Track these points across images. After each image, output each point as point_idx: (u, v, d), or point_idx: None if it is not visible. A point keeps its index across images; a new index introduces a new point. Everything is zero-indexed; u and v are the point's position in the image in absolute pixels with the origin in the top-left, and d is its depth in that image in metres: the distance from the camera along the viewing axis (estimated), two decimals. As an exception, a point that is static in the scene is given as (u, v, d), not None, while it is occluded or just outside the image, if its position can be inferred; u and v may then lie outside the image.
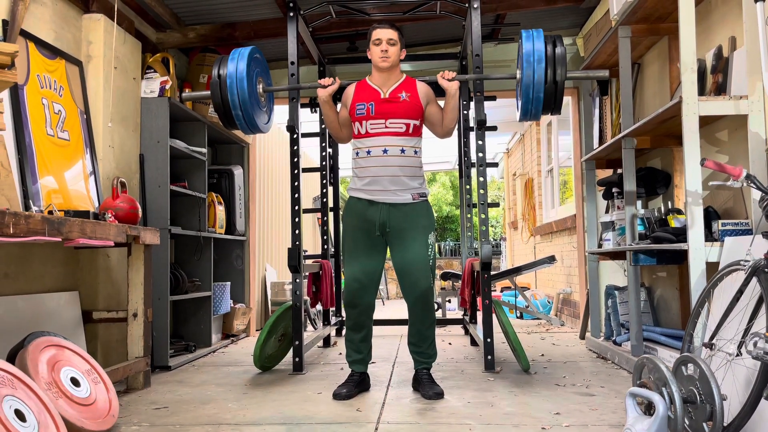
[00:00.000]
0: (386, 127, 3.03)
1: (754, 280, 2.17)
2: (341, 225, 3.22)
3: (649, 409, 2.15)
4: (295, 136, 3.77)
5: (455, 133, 5.66)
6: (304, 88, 3.39)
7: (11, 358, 2.40)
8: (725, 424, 2.05)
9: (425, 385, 2.99)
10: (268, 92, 3.29)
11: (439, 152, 9.48)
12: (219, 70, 3.09)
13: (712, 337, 2.34)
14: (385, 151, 3.02)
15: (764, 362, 1.95)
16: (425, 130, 3.22)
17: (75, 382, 2.42)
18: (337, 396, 2.94)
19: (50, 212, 2.75)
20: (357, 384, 3.05)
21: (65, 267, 3.29)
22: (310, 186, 8.60)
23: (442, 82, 3.01)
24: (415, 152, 3.10)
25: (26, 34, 3.06)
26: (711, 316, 2.48)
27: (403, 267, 3.01)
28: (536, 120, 3.02)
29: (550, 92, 2.84)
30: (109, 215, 3.02)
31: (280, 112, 6.42)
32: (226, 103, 3.09)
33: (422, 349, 3.08)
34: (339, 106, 3.24)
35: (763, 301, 2.07)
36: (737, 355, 2.14)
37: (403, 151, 3.04)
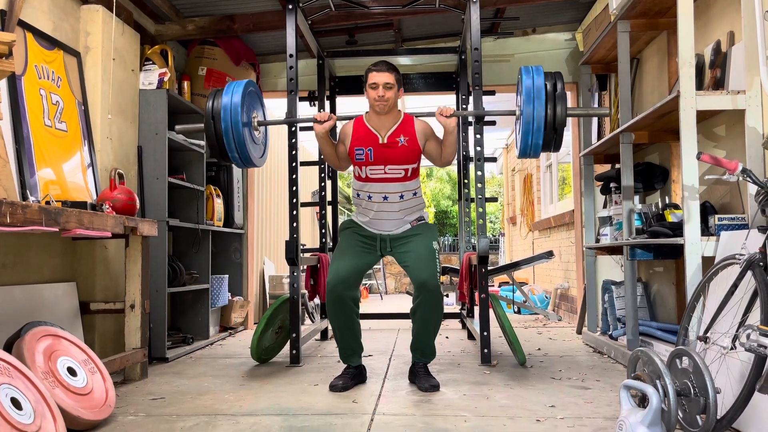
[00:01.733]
0: (385, 173, 3.04)
1: (749, 273, 2.18)
2: (339, 236, 3.23)
3: (643, 401, 2.16)
4: (293, 129, 3.77)
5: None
6: (301, 122, 3.34)
7: (8, 348, 2.41)
8: (719, 417, 2.07)
9: (421, 378, 3.00)
10: (264, 125, 3.19)
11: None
12: (213, 103, 2.98)
13: (706, 331, 2.35)
14: (385, 198, 3.06)
15: (758, 354, 1.96)
16: None
17: (72, 371, 2.43)
18: (333, 388, 2.95)
19: (47, 203, 2.76)
20: (353, 376, 3.06)
21: (63, 258, 3.29)
22: (309, 180, 8.60)
23: (440, 119, 2.96)
24: (414, 194, 3.13)
25: (24, 25, 3.06)
26: (706, 310, 2.49)
27: (411, 263, 3.00)
28: (535, 157, 2.97)
29: (549, 130, 2.79)
30: (107, 206, 3.02)
31: (279, 105, 6.41)
32: (219, 137, 2.98)
33: (422, 348, 3.05)
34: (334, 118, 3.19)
35: (758, 295, 2.08)
36: (731, 348, 2.15)
37: (402, 196, 3.08)
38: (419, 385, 2.97)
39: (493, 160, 5.67)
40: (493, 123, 4.66)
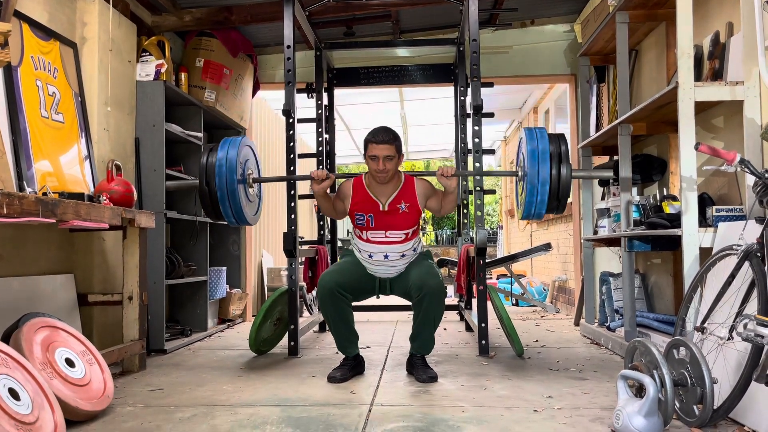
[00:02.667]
0: (386, 236, 3.07)
1: (746, 264, 2.19)
2: (339, 259, 3.25)
3: (640, 391, 2.17)
4: (291, 120, 3.75)
5: (452, 119, 5.65)
6: (298, 179, 3.28)
7: (5, 339, 2.41)
8: (715, 407, 2.07)
9: (419, 369, 3.01)
10: (258, 182, 3.11)
11: (435, 139, 9.48)
12: (207, 159, 2.87)
13: (704, 321, 2.35)
14: (386, 257, 3.09)
15: (755, 344, 1.97)
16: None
17: (70, 362, 2.43)
18: (331, 379, 2.95)
19: (44, 194, 2.75)
20: (352, 368, 3.07)
21: (60, 250, 3.29)
22: (307, 172, 8.59)
23: (441, 180, 2.97)
24: (414, 250, 3.15)
25: (20, 15, 3.04)
26: (703, 300, 2.50)
27: (411, 278, 3.02)
28: (538, 219, 2.94)
29: (554, 193, 2.76)
30: (104, 198, 3.01)
31: (277, 97, 6.40)
32: (213, 193, 2.89)
33: (421, 340, 3.05)
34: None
35: (755, 285, 2.08)
36: (728, 338, 2.15)
37: (403, 255, 3.10)
38: (417, 376, 2.98)
39: (492, 152, 5.66)
40: (491, 115, 4.65)
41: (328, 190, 3.12)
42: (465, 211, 4.86)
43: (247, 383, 2.96)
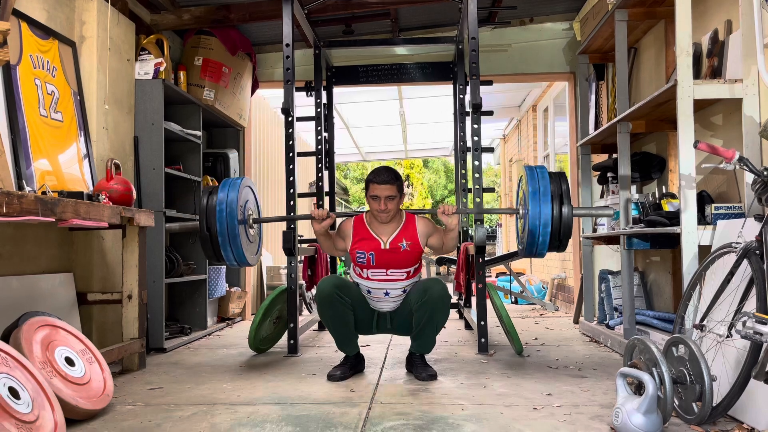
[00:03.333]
0: (387, 274, 3.05)
1: (745, 262, 2.19)
2: None
3: (639, 389, 2.17)
4: (290, 119, 3.75)
5: (451, 117, 5.65)
6: (298, 219, 3.24)
7: (5, 338, 2.41)
8: (714, 404, 2.08)
9: (419, 367, 3.01)
10: (259, 222, 3.09)
11: (434, 137, 9.47)
12: (208, 201, 2.84)
13: (702, 319, 2.36)
14: (386, 294, 3.08)
15: (753, 342, 1.97)
16: None
17: (69, 361, 2.43)
18: (331, 377, 2.96)
19: (44, 193, 2.75)
20: (351, 366, 3.07)
21: (60, 248, 3.29)
22: (306, 171, 8.59)
23: (443, 218, 2.96)
24: (415, 284, 3.12)
25: (19, 14, 3.04)
26: (702, 298, 2.50)
27: (412, 294, 3.02)
28: (540, 257, 2.90)
29: (555, 232, 2.74)
30: (103, 196, 3.01)
31: (276, 95, 6.39)
32: (214, 236, 2.86)
33: (422, 340, 3.05)
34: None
35: (754, 283, 2.08)
36: (727, 336, 2.16)
37: (404, 291, 3.10)
38: (416, 374, 2.99)
39: (490, 150, 5.66)
40: (490, 113, 4.65)
41: (328, 229, 3.09)
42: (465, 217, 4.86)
43: (247, 381, 2.96)
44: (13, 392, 1.96)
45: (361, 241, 3.06)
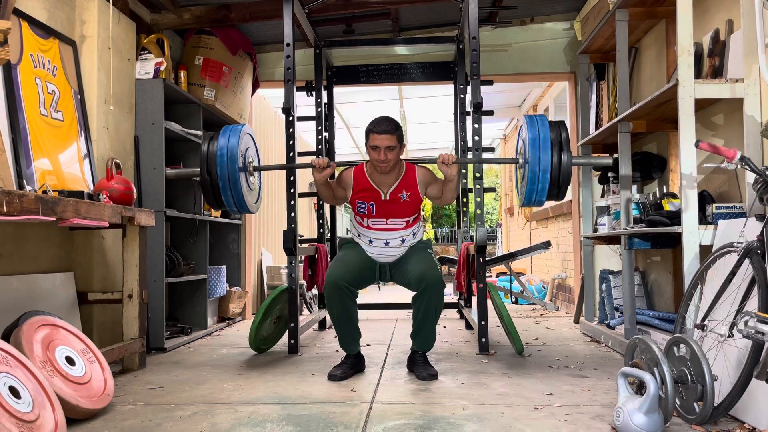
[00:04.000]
0: (387, 223, 3.10)
1: (747, 261, 2.19)
2: (339, 251, 3.26)
3: (640, 388, 2.17)
4: (290, 118, 3.75)
5: (451, 117, 5.64)
6: (299, 167, 3.22)
7: (6, 337, 2.40)
8: (716, 404, 2.08)
9: (420, 366, 3.01)
10: (259, 170, 3.08)
11: (434, 137, 9.47)
12: (209, 147, 2.85)
13: (704, 319, 2.35)
14: (386, 243, 3.12)
15: (755, 341, 1.97)
16: None
17: (70, 361, 2.43)
18: (332, 377, 2.95)
19: (44, 192, 2.74)
20: (352, 366, 3.07)
21: (60, 248, 3.28)
22: (306, 171, 8.58)
23: (442, 168, 2.97)
24: (414, 235, 3.18)
25: (19, 13, 3.03)
26: (703, 298, 2.50)
27: (409, 266, 3.06)
28: (539, 206, 2.90)
29: (554, 180, 2.77)
30: (104, 196, 3.01)
31: (276, 95, 6.39)
32: (214, 180, 2.87)
33: (423, 336, 3.06)
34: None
35: (755, 283, 2.08)
36: (729, 336, 2.16)
37: (403, 241, 3.14)
38: (418, 373, 2.98)
39: (491, 150, 5.66)
40: (491, 113, 4.65)
41: (328, 179, 3.12)
42: (465, 209, 4.86)
43: (248, 381, 2.95)
44: (14, 391, 1.95)
45: (362, 192, 3.08)
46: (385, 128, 2.95)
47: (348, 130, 8.42)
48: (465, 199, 4.85)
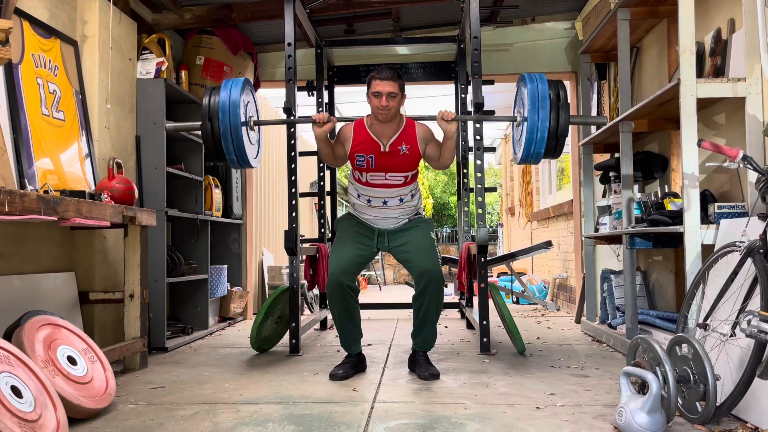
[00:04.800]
0: (386, 179, 3.08)
1: (749, 261, 2.18)
2: (334, 231, 3.23)
3: (642, 388, 2.16)
4: (292, 118, 3.75)
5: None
6: (299, 122, 3.25)
7: (7, 337, 2.41)
8: (718, 404, 2.07)
9: (421, 366, 3.01)
10: (259, 125, 3.09)
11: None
12: (210, 100, 2.86)
13: (706, 318, 2.35)
14: (384, 203, 3.11)
15: (758, 340, 1.96)
16: None
17: (71, 360, 2.43)
18: (333, 377, 2.95)
19: (46, 192, 2.74)
20: (353, 365, 3.07)
21: (61, 248, 3.28)
22: (308, 170, 8.59)
23: (441, 124, 2.97)
24: (412, 196, 3.16)
25: (21, 13, 3.03)
26: (705, 297, 2.50)
27: (412, 253, 3.03)
28: (535, 164, 2.89)
29: (552, 137, 2.78)
30: (105, 196, 3.01)
31: (277, 95, 6.39)
32: (216, 134, 2.86)
33: (424, 335, 3.07)
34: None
35: (758, 282, 2.08)
36: (731, 335, 2.15)
37: (401, 200, 3.13)
38: (419, 373, 2.98)
39: (492, 150, 5.65)
40: (492, 113, 4.64)
41: (328, 135, 3.10)
42: (466, 209, 4.86)
43: (249, 381, 2.95)
44: (16, 391, 1.95)
45: (361, 144, 3.05)
46: (388, 75, 2.93)
47: (349, 130, 8.41)
48: (467, 199, 4.85)
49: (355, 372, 3.07)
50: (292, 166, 3.74)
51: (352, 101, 6.94)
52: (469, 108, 4.78)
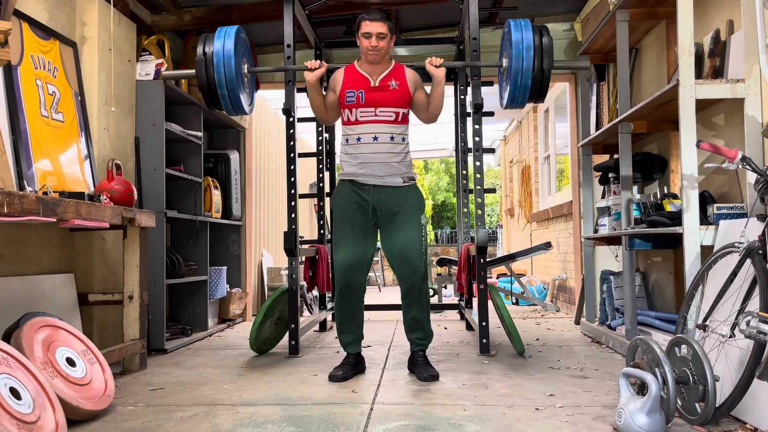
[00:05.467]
0: (376, 115, 3.05)
1: (748, 261, 2.18)
2: (332, 210, 3.21)
3: (642, 389, 2.16)
4: (291, 119, 3.75)
5: (452, 118, 5.65)
6: (290, 70, 3.30)
7: (6, 338, 2.40)
8: (717, 405, 2.07)
9: (421, 367, 3.01)
10: (252, 72, 3.22)
11: (435, 139, 9.47)
12: (205, 47, 3.01)
13: (705, 319, 2.35)
14: (375, 138, 3.04)
15: (757, 341, 1.96)
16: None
17: (70, 362, 2.42)
18: (333, 378, 2.96)
19: (45, 193, 2.74)
20: (353, 366, 3.07)
21: (61, 249, 3.28)
22: (307, 172, 8.59)
23: (430, 68, 3.03)
24: (404, 139, 3.12)
25: (20, 14, 3.04)
26: (705, 298, 2.50)
27: (398, 250, 3.02)
28: (521, 107, 3.07)
29: (537, 80, 2.91)
30: (104, 197, 3.01)
31: (277, 96, 6.39)
32: (211, 81, 3.02)
33: (418, 333, 3.11)
34: (325, 88, 3.19)
35: (757, 283, 2.08)
36: (730, 336, 2.15)
37: (392, 138, 3.07)
38: (418, 374, 2.98)
39: (491, 151, 5.65)
40: (491, 114, 4.64)
41: (320, 81, 3.15)
42: (465, 210, 4.86)
43: (248, 382, 2.95)
44: (15, 392, 1.95)
45: (352, 81, 3.09)
46: (377, 16, 2.99)
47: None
48: (466, 201, 4.85)
49: (354, 373, 3.07)
50: (292, 167, 3.74)
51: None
52: (469, 109, 4.78)
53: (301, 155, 4.95)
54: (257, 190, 6.04)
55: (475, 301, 4.92)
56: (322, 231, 5.03)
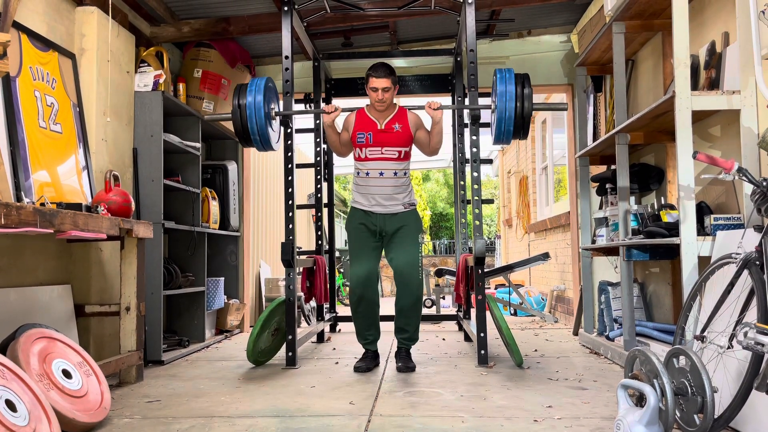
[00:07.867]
0: (382, 153, 3.57)
1: (746, 272, 2.18)
2: (346, 231, 3.74)
3: (640, 400, 2.16)
4: (289, 130, 3.76)
5: (450, 129, 5.67)
6: (311, 113, 3.72)
7: (2, 350, 2.39)
8: (716, 416, 2.07)
9: (401, 359, 3.51)
10: (279, 115, 3.64)
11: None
12: (239, 100, 3.49)
13: (703, 330, 2.35)
14: (381, 174, 3.58)
15: (755, 352, 1.96)
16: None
17: (67, 374, 2.41)
18: (357, 369, 3.45)
19: (42, 204, 2.74)
20: (372, 359, 3.60)
21: (58, 260, 3.27)
22: (305, 183, 8.59)
23: (428, 111, 3.48)
24: (405, 173, 3.65)
25: (19, 26, 3.05)
26: (703, 309, 2.49)
27: (398, 267, 3.55)
28: (507, 144, 3.54)
29: (518, 125, 3.33)
30: (102, 208, 3.01)
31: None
32: (245, 127, 3.49)
33: (404, 335, 3.59)
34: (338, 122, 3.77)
35: (754, 294, 2.08)
36: (728, 347, 2.15)
37: (395, 173, 3.59)
38: (397, 365, 3.47)
39: (489, 162, 5.66)
40: (488, 125, 4.65)
41: (335, 122, 3.63)
42: (463, 220, 4.87)
43: (245, 394, 2.94)
44: (10, 405, 1.94)
45: (361, 124, 3.60)
46: (382, 73, 3.47)
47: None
48: (464, 212, 4.86)
49: (375, 365, 3.60)
50: (289, 178, 3.74)
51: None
52: (466, 120, 4.80)
53: (299, 166, 4.96)
54: (255, 201, 6.04)
55: (473, 312, 4.91)
56: (320, 242, 5.02)
